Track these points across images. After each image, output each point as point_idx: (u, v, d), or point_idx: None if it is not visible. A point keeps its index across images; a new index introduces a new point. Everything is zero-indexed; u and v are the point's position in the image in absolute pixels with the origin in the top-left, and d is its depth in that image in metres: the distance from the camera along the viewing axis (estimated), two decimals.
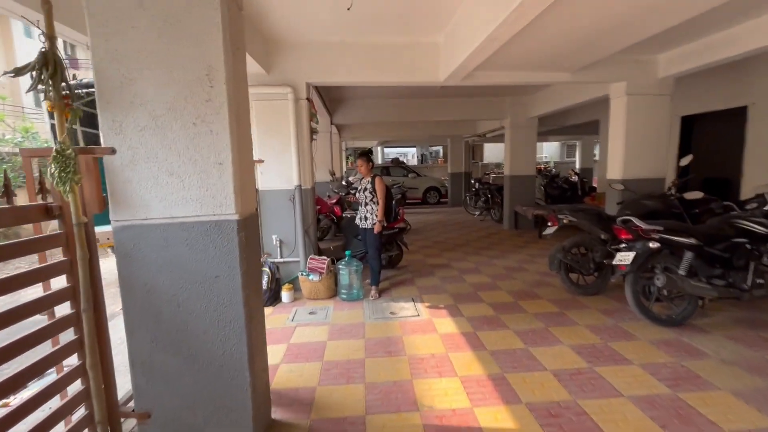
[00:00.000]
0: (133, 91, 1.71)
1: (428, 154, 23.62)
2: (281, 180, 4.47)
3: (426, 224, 9.69)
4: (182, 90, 1.73)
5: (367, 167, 4.35)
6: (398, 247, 5.40)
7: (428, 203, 14.63)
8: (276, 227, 4.54)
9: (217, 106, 1.76)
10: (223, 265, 1.85)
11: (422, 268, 5.50)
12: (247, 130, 1.98)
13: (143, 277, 1.83)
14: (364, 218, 4.36)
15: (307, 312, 3.97)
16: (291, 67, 4.35)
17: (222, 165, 1.79)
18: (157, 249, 1.81)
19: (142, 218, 1.80)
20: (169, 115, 1.74)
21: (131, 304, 1.85)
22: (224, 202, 1.82)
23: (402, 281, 4.92)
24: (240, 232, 1.84)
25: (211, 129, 1.77)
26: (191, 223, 1.82)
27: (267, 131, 4.40)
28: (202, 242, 1.83)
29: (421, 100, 8.46)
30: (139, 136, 1.74)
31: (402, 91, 7.62)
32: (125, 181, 1.76)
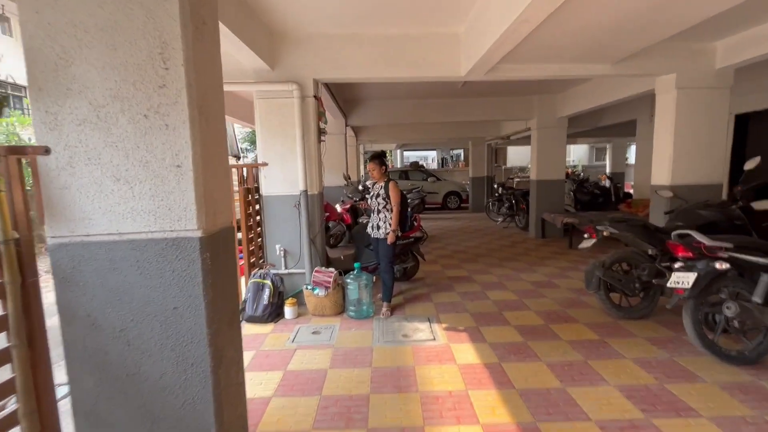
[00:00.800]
0: (70, 75, 1.36)
1: (449, 158, 23.06)
2: (286, 185, 4.12)
3: (445, 231, 9.19)
4: (130, 73, 1.37)
5: (379, 171, 3.95)
6: (414, 258, 4.95)
7: (448, 208, 14.09)
8: (280, 236, 4.18)
9: (174, 94, 1.39)
10: (183, 294, 1.47)
11: (440, 281, 5.03)
12: (218, 125, 1.61)
13: (86, 307, 1.47)
14: (376, 227, 3.95)
15: (311, 331, 3.58)
16: (297, 63, 4.00)
17: (180, 168, 1.42)
18: (101, 272, 1.45)
19: (82, 234, 1.44)
20: (113, 105, 1.38)
21: (71, 340, 1.49)
22: (183, 215, 1.44)
23: (417, 296, 4.47)
24: (204, 252, 1.46)
25: (167, 123, 1.40)
26: (143, 241, 1.45)
27: (271, 132, 4.06)
28: (157, 265, 1.45)
29: (441, 100, 8.01)
30: (78, 132, 1.39)
31: (420, 90, 7.19)
32: (62, 187, 1.41)
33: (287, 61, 4.00)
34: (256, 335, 3.52)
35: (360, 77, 4.12)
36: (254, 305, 3.81)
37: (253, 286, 3.89)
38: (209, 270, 1.49)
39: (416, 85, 6.72)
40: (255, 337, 3.49)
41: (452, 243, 7.66)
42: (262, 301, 3.81)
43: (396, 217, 3.83)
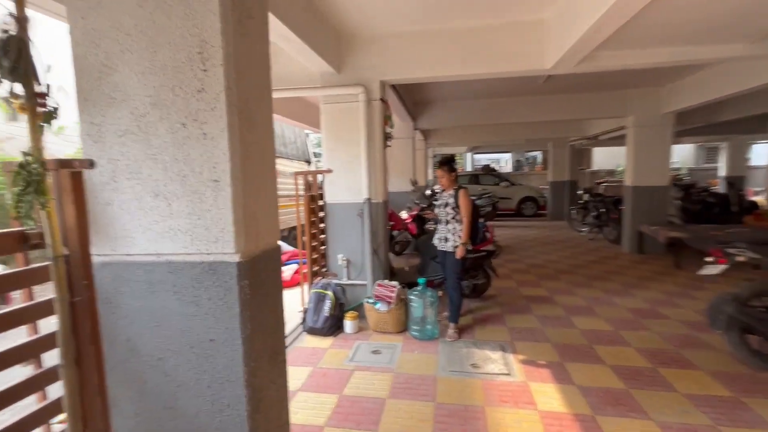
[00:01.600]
0: (113, 84, 1.26)
1: (524, 160, 21.62)
2: (350, 192, 3.96)
3: (520, 241, 8.43)
4: (169, 78, 1.23)
5: (449, 178, 3.59)
6: (485, 273, 4.48)
7: (523, 215, 13.06)
8: (343, 245, 4.03)
9: (212, 99, 1.22)
10: (219, 325, 1.30)
11: (515, 301, 4.48)
12: (263, 133, 1.42)
13: (126, 330, 1.37)
14: (444, 239, 3.60)
15: (371, 350, 3.35)
16: (364, 64, 3.82)
17: (218, 183, 1.24)
18: (141, 295, 1.34)
19: (124, 253, 1.34)
20: (153, 114, 1.26)
21: (113, 364, 1.40)
22: (220, 237, 1.27)
23: (489, 317, 4.00)
24: (242, 279, 1.27)
25: (204, 132, 1.23)
26: (179, 264, 1.30)
27: (335, 138, 3.93)
28: (193, 290, 1.30)
29: (519, 99, 7.34)
30: (120, 144, 1.29)
31: (496, 88, 6.64)
32: (105, 203, 1.33)
33: (353, 64, 3.84)
34: (315, 349, 3.39)
35: (431, 76, 3.80)
36: (315, 316, 3.69)
37: (315, 296, 3.78)
38: (248, 300, 1.29)
39: (492, 83, 6.20)
40: (314, 351, 3.35)
41: (528, 255, 6.94)
42: (323, 313, 3.68)
43: (467, 230, 3.44)
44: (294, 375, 2.93)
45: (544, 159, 19.32)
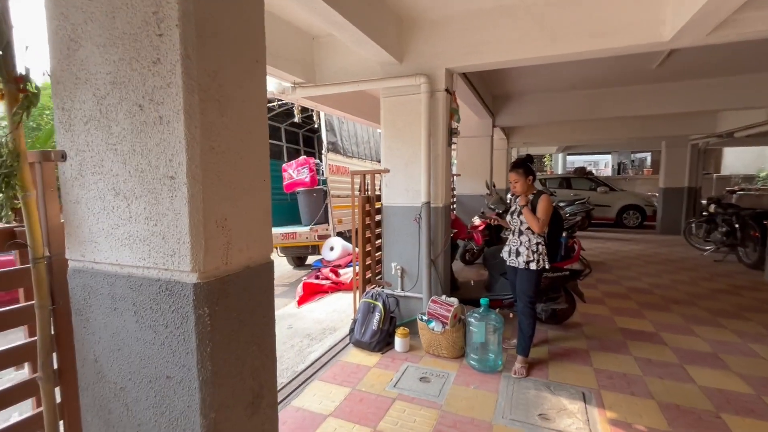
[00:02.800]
0: (79, 60, 1.07)
1: (628, 163, 18.88)
2: (408, 195, 3.57)
3: (618, 257, 7.13)
4: (127, 48, 0.99)
5: (524, 183, 2.98)
6: (568, 297, 3.72)
7: (624, 226, 11.23)
8: (398, 252, 3.66)
9: (167, 72, 0.95)
10: (176, 361, 1.03)
11: (607, 334, 3.63)
12: (244, 120, 1.11)
13: (94, 348, 1.18)
14: (515, 252, 3.00)
15: (419, 376, 2.92)
16: (427, 51, 3.40)
17: (174, 181, 0.97)
18: (105, 311, 1.14)
19: (91, 260, 1.15)
20: (113, 95, 1.03)
21: (84, 385, 1.23)
22: (176, 249, 0.99)
23: (569, 352, 3.27)
24: (200, 306, 0.98)
25: (160, 115, 0.97)
26: (138, 279, 1.06)
27: (394, 134, 3.58)
28: (152, 313, 1.05)
29: (623, 89, 6.18)
30: (86, 132, 1.09)
31: (593, 75, 5.65)
32: (75, 201, 1.15)
33: (416, 52, 3.44)
34: (359, 366, 3.08)
35: (510, 60, 3.21)
36: (362, 329, 3.39)
37: (364, 306, 3.48)
38: (208, 333, 1.00)
39: (589, 69, 5.26)
40: (357, 368, 3.04)
41: (628, 276, 5.77)
42: (371, 326, 3.36)
43: (533, 219, 2.84)
44: (329, 395, 2.65)
45: (654, 161, 16.58)
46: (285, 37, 3.56)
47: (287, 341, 3.80)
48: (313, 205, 6.72)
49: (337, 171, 7.10)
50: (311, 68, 3.95)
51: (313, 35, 3.92)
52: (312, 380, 2.87)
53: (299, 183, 6.66)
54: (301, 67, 3.80)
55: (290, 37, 3.63)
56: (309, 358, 3.34)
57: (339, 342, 3.54)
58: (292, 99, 4.14)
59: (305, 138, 9.19)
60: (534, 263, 2.90)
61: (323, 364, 3.12)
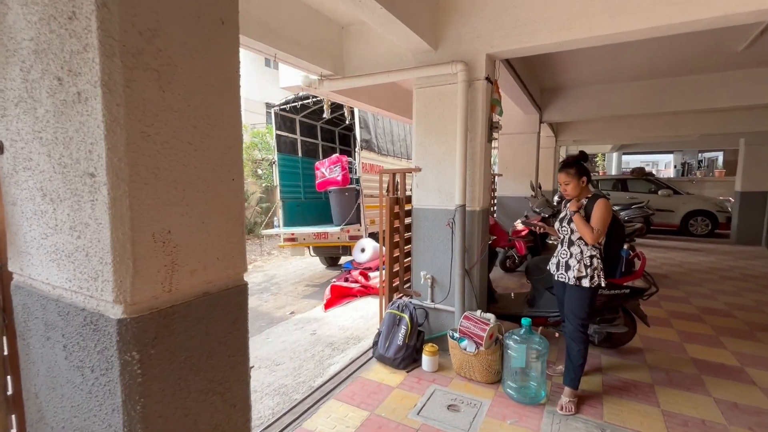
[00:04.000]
0: (7, 28, 0.86)
1: (695, 163, 17.06)
2: (441, 196, 3.21)
3: (686, 270, 6.28)
4: (48, 7, 0.76)
5: (576, 185, 2.54)
6: (628, 318, 3.18)
7: (690, 234, 10.04)
8: (428, 260, 3.32)
9: (83, 30, 0.69)
10: (102, 416, 0.78)
11: (675, 365, 3.06)
12: (197, 100, 0.83)
13: (34, 382, 0.97)
14: (564, 266, 2.56)
15: (447, 403, 2.57)
16: (466, 35, 3.02)
17: (94, 179, 0.72)
18: (40, 339, 0.92)
19: (27, 275, 0.94)
20: (36, 67, 0.80)
21: (29, 422, 1.03)
22: (100, 270, 0.74)
23: (628, 385, 2.76)
24: (127, 350, 0.72)
25: (79, 90, 0.72)
26: (66, 305, 0.83)
27: (427, 129, 3.24)
28: (79, 349, 0.81)
29: (696, 78, 5.39)
30: (17, 118, 0.88)
31: (660, 62, 4.95)
32: (12, 202, 0.94)
33: (453, 37, 3.07)
34: (380, 385, 2.78)
35: (560, 41, 2.74)
36: (387, 343, 3.09)
37: (389, 318, 3.18)
38: (139, 386, 0.74)
39: (655, 54, 4.61)
40: (378, 387, 2.75)
41: (699, 293, 5.00)
42: (396, 340, 3.05)
43: (585, 226, 2.39)
44: (344, 418, 2.38)
45: (728, 161, 14.81)
46: (311, 25, 3.33)
47: (309, 349, 3.59)
48: (344, 204, 6.52)
49: (371, 170, 6.85)
50: (340, 59, 3.70)
51: (342, 24, 3.67)
52: (328, 398, 2.61)
53: (331, 182, 6.48)
54: (328, 58, 3.56)
55: (317, 26, 3.40)
56: (328, 372, 3.09)
57: (362, 355, 3.26)
58: (320, 93, 3.92)
59: (341, 136, 9.04)
60: (587, 279, 2.45)
61: (342, 380, 2.85)
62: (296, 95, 6.91)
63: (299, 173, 7.53)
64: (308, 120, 7.87)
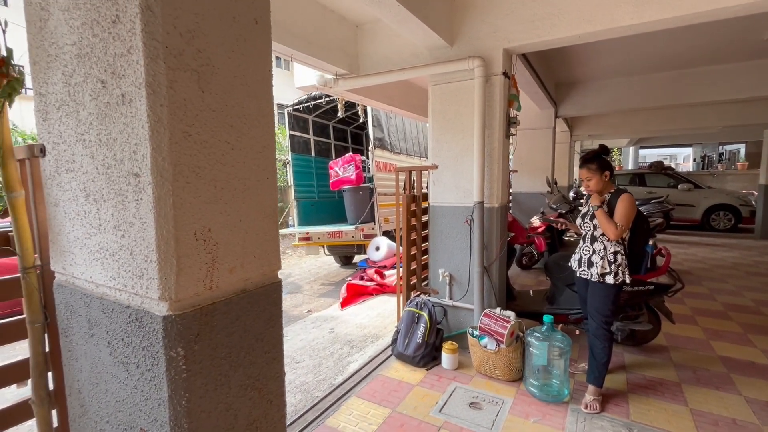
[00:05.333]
0: (49, 33, 0.88)
1: (715, 156, 16.59)
2: (458, 193, 3.19)
3: (709, 266, 6.12)
4: (89, 8, 0.78)
5: (599, 180, 2.49)
6: (652, 315, 3.12)
7: (712, 229, 9.78)
8: (446, 257, 3.30)
9: (127, 33, 0.71)
10: (148, 411, 0.80)
11: (702, 363, 2.99)
12: (234, 99, 0.84)
13: (78, 377, 1.00)
14: (587, 262, 2.52)
15: (468, 401, 2.56)
16: (483, 30, 2.99)
17: (139, 179, 0.74)
18: (84, 336, 0.95)
19: (71, 274, 0.97)
20: (79, 71, 0.82)
21: (72, 416, 1.06)
22: (145, 269, 0.76)
23: (653, 383, 2.71)
24: (173, 346, 0.74)
25: (123, 92, 0.74)
26: (110, 303, 0.85)
27: (444, 126, 3.22)
28: (124, 346, 0.83)
29: (718, 68, 5.23)
30: (59, 121, 0.90)
31: (681, 53, 4.82)
32: (54, 204, 0.97)
33: (470, 32, 3.04)
34: (400, 383, 2.78)
35: (581, 34, 2.69)
36: (405, 340, 3.09)
37: (408, 316, 3.18)
38: (184, 381, 0.75)
39: (677, 45, 4.49)
40: (398, 385, 2.75)
41: (724, 289, 4.86)
42: (415, 338, 3.05)
43: (608, 223, 2.35)
44: (367, 416, 2.39)
45: (750, 153, 14.37)
46: (327, 25, 3.34)
47: (328, 347, 3.61)
48: (358, 203, 6.54)
49: (384, 168, 6.85)
50: (355, 58, 3.71)
51: (356, 23, 3.67)
52: (349, 396, 2.63)
53: (345, 180, 6.50)
54: (344, 57, 3.57)
55: (332, 26, 3.41)
56: (348, 369, 3.11)
57: (381, 353, 3.27)
58: (335, 92, 3.94)
59: (353, 135, 9.06)
60: (611, 276, 2.40)
61: (362, 378, 2.87)
62: (309, 95, 6.95)
63: (313, 173, 7.58)
64: (321, 120, 7.92)
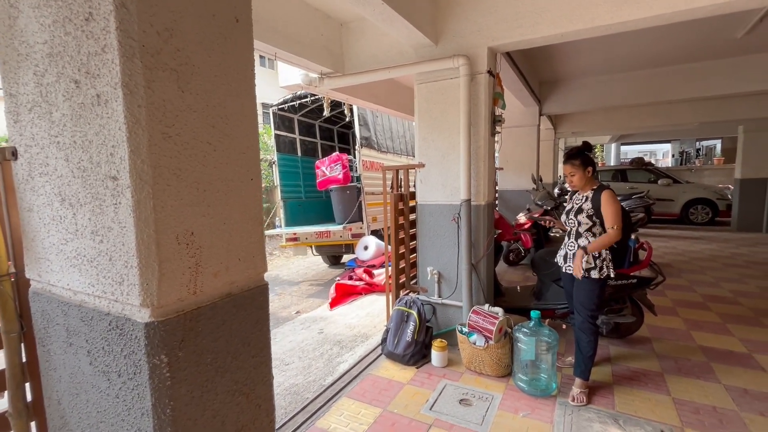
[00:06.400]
0: (19, 31, 0.85)
1: (693, 152, 17.09)
2: (445, 191, 3.21)
3: (688, 259, 6.30)
4: (60, 5, 0.75)
5: (581, 175, 2.53)
6: (635, 308, 3.19)
7: (691, 223, 10.07)
8: (434, 255, 3.32)
9: (101, 31, 0.68)
10: (130, 421, 0.78)
11: (683, 353, 3.07)
12: (215, 99, 0.83)
13: (56, 388, 0.97)
14: (572, 258, 2.56)
15: (458, 397, 2.57)
16: (467, 28, 3.01)
17: (117, 182, 0.71)
18: (62, 346, 0.92)
19: (46, 281, 0.94)
20: (51, 71, 0.79)
21: (52, 428, 1.03)
22: (125, 274, 0.73)
23: (637, 374, 2.77)
24: (156, 354, 0.72)
25: (98, 92, 0.71)
26: (89, 311, 0.83)
27: (430, 125, 3.23)
28: (104, 354, 0.81)
29: (695, 66, 5.38)
30: (31, 123, 0.87)
31: (658, 52, 4.94)
32: (28, 209, 0.94)
33: (454, 31, 3.06)
34: (390, 382, 2.78)
35: (563, 33, 2.73)
36: (395, 339, 3.09)
37: (397, 314, 3.18)
38: (168, 389, 0.73)
39: (655, 44, 4.60)
40: (389, 384, 2.75)
41: (703, 281, 5.02)
42: (405, 337, 3.05)
43: (606, 241, 2.37)
44: (357, 416, 2.39)
45: (726, 149, 14.84)
46: (311, 23, 3.31)
47: (317, 348, 3.59)
48: (346, 202, 6.51)
49: (371, 167, 6.84)
50: (340, 57, 3.69)
51: (341, 21, 3.65)
52: (339, 396, 2.62)
53: (332, 180, 6.47)
54: (329, 56, 3.54)
55: (317, 24, 3.38)
56: (338, 370, 3.10)
57: (371, 352, 3.27)
58: (320, 91, 3.91)
59: (340, 134, 9.02)
60: (596, 271, 2.45)
61: (352, 378, 2.86)
62: (294, 94, 6.88)
63: (299, 173, 7.52)
64: (306, 119, 7.85)
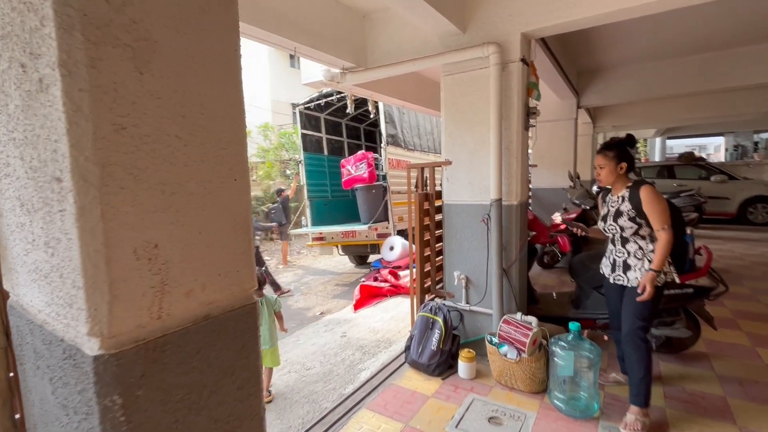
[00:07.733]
0: None
1: (750, 145, 15.66)
2: (474, 190, 2.99)
3: (747, 263, 5.69)
4: None
5: (611, 169, 2.23)
6: (690, 320, 2.84)
7: (750, 223, 9.17)
8: (461, 259, 3.10)
9: (38, 3, 0.56)
10: None
11: (750, 373, 2.70)
12: (187, 84, 0.68)
13: (32, 413, 0.88)
14: (622, 266, 2.26)
15: (487, 414, 2.36)
16: (498, 14, 2.77)
17: (61, 184, 0.59)
18: (32, 368, 0.82)
19: (17, 295, 0.84)
20: (4, 56, 0.68)
21: None
22: (74, 295, 0.61)
23: (696, 397, 2.44)
24: (108, 393, 0.59)
25: (41, 75, 0.59)
26: (48, 333, 0.71)
27: (457, 119, 3.01)
28: (62, 388, 0.69)
29: (755, 48, 4.81)
30: None
31: (713, 33, 4.45)
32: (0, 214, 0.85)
33: (483, 17, 2.83)
34: (414, 393, 2.61)
35: (606, 12, 2.44)
36: (419, 347, 2.91)
37: (421, 321, 3.00)
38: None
39: (708, 24, 4.14)
40: (412, 396, 2.58)
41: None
42: (430, 345, 2.87)
43: (663, 251, 2.06)
44: (378, 429, 2.24)
45: None
46: (331, 15, 3.18)
47: (339, 353, 3.48)
48: (371, 201, 6.38)
49: (398, 165, 6.66)
50: (362, 50, 3.54)
51: (363, 12, 3.50)
52: (360, 407, 2.48)
53: (357, 179, 6.35)
54: (351, 50, 3.40)
55: (337, 16, 3.25)
56: (359, 377, 2.96)
57: (393, 360, 3.11)
58: (343, 87, 3.78)
59: (366, 132, 8.91)
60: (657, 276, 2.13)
61: (374, 387, 2.71)
62: (320, 92, 6.82)
63: (325, 172, 7.46)
64: (333, 117, 7.79)
